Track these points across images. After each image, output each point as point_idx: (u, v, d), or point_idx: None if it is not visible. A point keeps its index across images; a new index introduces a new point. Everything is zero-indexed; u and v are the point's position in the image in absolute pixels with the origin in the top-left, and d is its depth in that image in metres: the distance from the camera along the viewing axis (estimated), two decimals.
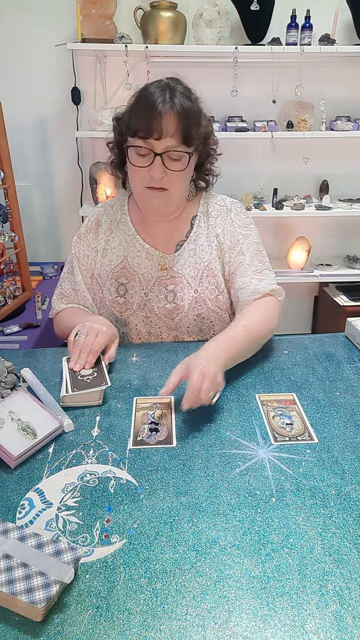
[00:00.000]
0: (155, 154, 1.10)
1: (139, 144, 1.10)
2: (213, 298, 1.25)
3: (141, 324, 1.27)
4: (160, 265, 1.25)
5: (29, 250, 2.16)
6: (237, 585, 0.63)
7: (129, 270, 1.26)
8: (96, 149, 2.74)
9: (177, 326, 1.27)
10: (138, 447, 0.87)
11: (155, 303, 1.25)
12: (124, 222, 1.28)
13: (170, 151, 1.10)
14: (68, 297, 1.32)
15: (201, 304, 1.25)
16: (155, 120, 1.07)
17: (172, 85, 1.12)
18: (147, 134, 1.08)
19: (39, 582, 0.61)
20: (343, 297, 2.77)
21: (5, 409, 0.89)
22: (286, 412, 0.96)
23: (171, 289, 1.25)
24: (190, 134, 1.11)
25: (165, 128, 1.08)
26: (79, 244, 1.30)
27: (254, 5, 2.30)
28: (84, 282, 1.29)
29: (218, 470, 0.81)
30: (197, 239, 1.26)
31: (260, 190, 2.74)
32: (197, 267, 1.25)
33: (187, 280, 1.25)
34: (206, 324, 1.27)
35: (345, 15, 2.48)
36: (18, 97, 2.59)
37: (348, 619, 0.59)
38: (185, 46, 2.43)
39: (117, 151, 1.24)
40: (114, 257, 1.27)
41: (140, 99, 1.11)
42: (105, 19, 2.37)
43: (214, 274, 1.24)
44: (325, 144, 2.72)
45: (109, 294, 1.27)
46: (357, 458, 0.84)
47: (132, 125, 1.11)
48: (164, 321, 1.27)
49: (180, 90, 1.12)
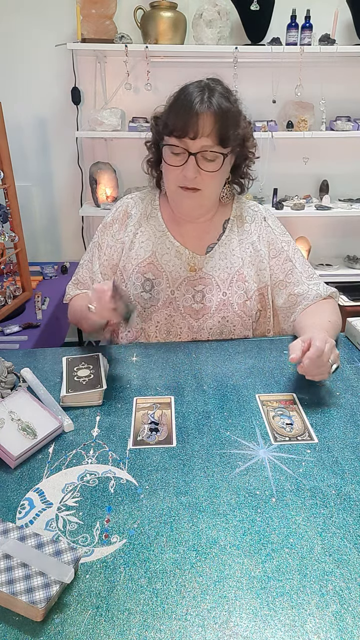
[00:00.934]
0: (189, 154, 1.10)
1: (174, 143, 1.11)
2: (241, 303, 1.25)
3: (163, 321, 1.26)
4: (190, 265, 1.25)
5: (29, 250, 2.16)
6: (237, 585, 0.63)
7: (157, 266, 1.25)
8: (96, 149, 2.74)
9: (199, 327, 1.26)
10: (138, 447, 0.87)
11: (182, 302, 1.25)
12: (154, 217, 1.28)
13: (205, 151, 1.10)
14: (84, 284, 1.31)
15: (228, 307, 1.24)
16: (191, 119, 1.07)
17: (211, 86, 1.12)
18: (183, 133, 1.09)
19: (39, 582, 0.61)
20: (343, 297, 2.77)
21: (5, 409, 0.89)
22: (286, 412, 0.96)
23: (199, 289, 1.25)
24: (227, 134, 1.11)
25: (202, 128, 1.08)
26: (103, 232, 1.30)
27: (254, 5, 2.30)
28: (102, 272, 1.29)
29: (218, 470, 0.81)
30: (229, 243, 1.27)
31: (260, 190, 2.74)
32: (227, 271, 1.25)
33: (216, 283, 1.24)
34: (228, 328, 1.26)
35: (345, 15, 2.48)
36: (18, 97, 2.59)
37: (348, 619, 0.59)
38: (185, 46, 2.43)
39: (154, 150, 1.25)
40: (141, 251, 1.26)
41: (179, 98, 1.11)
42: (105, 19, 2.38)
43: (244, 279, 1.25)
44: (325, 144, 2.72)
45: (134, 288, 1.25)
46: (357, 458, 0.84)
47: (168, 124, 1.11)
48: (188, 321, 1.25)
49: (219, 90, 1.12)
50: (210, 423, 0.93)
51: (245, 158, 1.23)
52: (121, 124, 2.52)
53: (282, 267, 1.27)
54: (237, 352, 1.18)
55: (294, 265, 1.27)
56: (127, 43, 2.34)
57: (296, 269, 1.27)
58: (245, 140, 1.19)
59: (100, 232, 1.31)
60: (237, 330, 1.27)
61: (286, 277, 1.27)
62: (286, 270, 1.27)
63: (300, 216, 2.64)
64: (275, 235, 1.29)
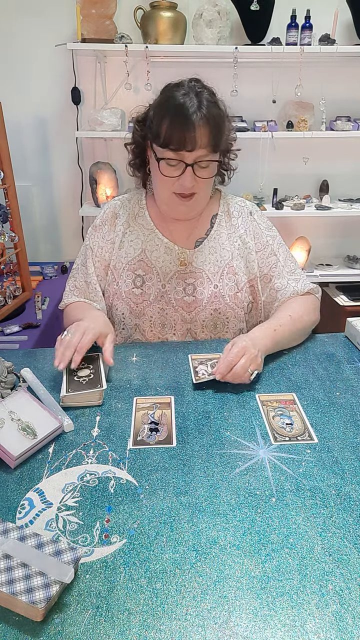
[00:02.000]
0: (186, 165, 1.10)
1: (170, 156, 1.11)
2: (232, 295, 1.26)
3: (156, 315, 1.27)
4: (179, 260, 1.26)
5: (29, 250, 2.16)
6: (237, 585, 0.63)
7: (147, 263, 1.26)
8: (96, 149, 2.74)
9: (192, 319, 1.27)
10: (138, 447, 0.87)
11: (173, 295, 1.26)
12: (142, 216, 1.29)
13: (200, 161, 1.11)
14: (80, 289, 1.32)
15: (220, 299, 1.26)
16: (189, 133, 1.07)
17: (197, 91, 1.11)
18: (180, 147, 1.09)
19: (39, 582, 0.61)
20: (343, 297, 2.77)
21: (5, 409, 0.89)
22: (286, 412, 0.96)
23: (190, 282, 1.26)
24: (220, 141, 1.13)
25: (199, 140, 1.08)
26: (93, 235, 1.31)
27: (254, 5, 2.30)
28: (96, 273, 1.30)
29: (218, 470, 0.81)
30: (219, 237, 1.28)
31: (260, 190, 2.74)
32: (217, 264, 1.26)
33: (207, 276, 1.26)
34: (221, 320, 1.28)
35: (345, 15, 2.48)
36: (18, 97, 2.59)
37: (348, 619, 0.59)
38: (185, 46, 2.43)
39: (137, 152, 1.25)
40: (131, 250, 1.27)
41: (169, 108, 1.10)
42: (105, 19, 2.38)
43: (234, 272, 1.26)
44: (325, 144, 2.72)
45: (125, 285, 1.26)
46: (357, 458, 0.84)
47: (162, 137, 1.10)
48: (180, 314, 1.27)
49: (206, 96, 1.11)
50: (210, 423, 0.93)
51: (226, 151, 1.24)
52: (121, 124, 2.52)
53: (267, 260, 1.29)
54: None
55: (278, 260, 1.29)
56: (127, 43, 2.34)
57: (279, 263, 1.28)
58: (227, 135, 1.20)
59: (90, 235, 1.32)
60: (230, 322, 1.29)
61: (270, 271, 1.28)
62: (270, 264, 1.28)
63: (300, 216, 2.65)
64: (261, 230, 1.30)
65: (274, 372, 1.10)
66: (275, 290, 1.28)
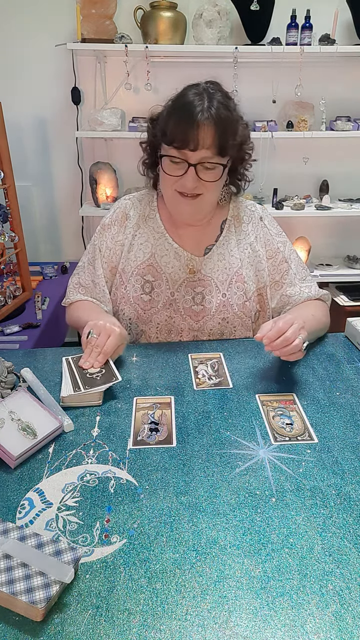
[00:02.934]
0: (189, 165, 1.09)
1: (173, 154, 1.10)
2: (240, 304, 1.25)
3: (163, 322, 1.26)
4: (188, 267, 1.25)
5: (29, 250, 2.16)
6: (237, 585, 0.63)
7: (156, 268, 1.25)
8: (96, 149, 2.74)
9: (200, 328, 1.26)
10: (138, 447, 0.87)
11: (182, 303, 1.25)
12: (153, 218, 1.27)
13: (204, 162, 1.09)
14: (86, 288, 1.30)
15: (228, 308, 1.25)
16: (192, 131, 1.06)
17: (210, 92, 1.10)
18: (183, 145, 1.07)
19: (39, 582, 0.61)
20: (343, 297, 2.77)
21: (5, 409, 0.89)
22: (286, 412, 0.96)
23: (199, 290, 1.25)
24: (226, 144, 1.10)
25: (202, 140, 1.07)
26: (102, 235, 1.29)
27: (254, 5, 2.30)
28: (104, 275, 1.28)
29: (218, 470, 0.81)
30: (227, 243, 1.27)
31: (260, 190, 2.74)
32: (226, 272, 1.25)
33: (215, 284, 1.25)
34: (229, 329, 1.27)
35: (345, 15, 2.48)
36: (18, 97, 2.59)
37: (348, 619, 0.59)
38: (185, 46, 2.43)
39: (150, 151, 1.23)
40: (140, 253, 1.25)
41: (178, 106, 1.09)
42: (105, 19, 2.38)
43: (243, 280, 1.25)
44: (325, 144, 2.72)
45: (134, 290, 1.25)
46: (357, 458, 0.84)
47: (167, 134, 1.09)
48: (188, 322, 1.25)
49: (218, 98, 1.09)
50: (210, 423, 0.93)
51: (242, 160, 1.22)
52: (121, 124, 2.52)
53: (278, 268, 1.28)
54: (237, 352, 1.18)
55: (290, 267, 1.28)
56: (127, 43, 2.34)
57: (291, 270, 1.28)
58: (243, 144, 1.19)
59: (98, 234, 1.30)
60: (237, 331, 1.27)
61: (281, 278, 1.28)
62: (282, 271, 1.28)
63: (300, 216, 2.64)
64: (272, 236, 1.29)
65: (274, 372, 1.10)
66: (287, 296, 1.27)
